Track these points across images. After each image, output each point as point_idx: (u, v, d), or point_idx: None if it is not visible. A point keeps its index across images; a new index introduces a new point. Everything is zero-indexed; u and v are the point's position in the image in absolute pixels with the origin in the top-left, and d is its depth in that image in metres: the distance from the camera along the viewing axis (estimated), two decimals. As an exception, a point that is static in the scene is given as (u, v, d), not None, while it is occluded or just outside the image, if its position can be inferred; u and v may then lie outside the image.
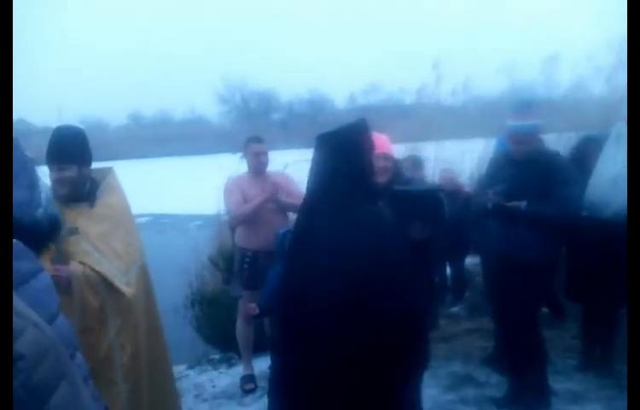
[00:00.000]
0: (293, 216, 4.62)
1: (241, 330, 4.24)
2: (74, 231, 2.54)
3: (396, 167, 3.02)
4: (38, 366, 0.91)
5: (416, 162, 4.85)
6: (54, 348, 0.96)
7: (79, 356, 1.19)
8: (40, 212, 1.22)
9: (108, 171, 2.87)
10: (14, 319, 0.90)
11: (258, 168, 4.12)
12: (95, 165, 2.79)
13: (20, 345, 0.88)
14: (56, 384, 0.95)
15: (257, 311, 3.13)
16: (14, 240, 1.08)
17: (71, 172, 2.56)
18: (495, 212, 3.28)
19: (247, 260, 4.04)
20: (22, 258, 1.08)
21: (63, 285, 2.35)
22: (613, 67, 7.06)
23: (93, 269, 2.49)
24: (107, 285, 2.52)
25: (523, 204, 3.19)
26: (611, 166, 3.47)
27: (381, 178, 2.78)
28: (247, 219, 4.07)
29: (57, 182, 2.56)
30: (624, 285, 3.85)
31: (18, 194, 1.16)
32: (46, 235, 1.27)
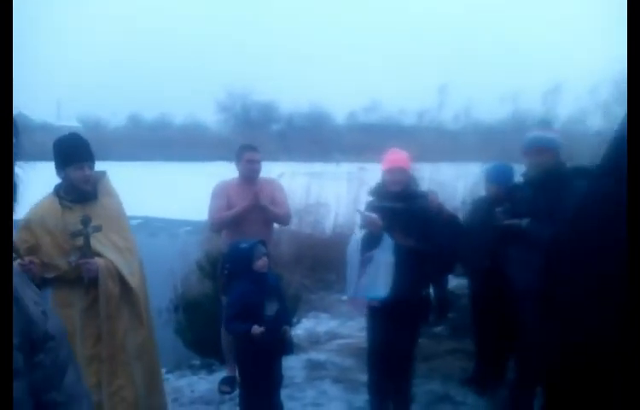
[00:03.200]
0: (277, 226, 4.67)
1: (225, 332, 4.24)
2: (99, 228, 2.89)
3: (410, 182, 3.46)
4: (63, 345, 1.01)
5: None
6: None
7: None
8: None
9: (103, 174, 3.13)
10: (36, 307, 0.98)
11: (249, 176, 4.12)
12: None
13: (50, 327, 0.98)
14: (68, 364, 1.03)
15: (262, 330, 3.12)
16: None
17: (91, 170, 2.95)
18: (501, 230, 3.34)
19: (227, 265, 4.03)
20: None
21: (93, 277, 2.81)
22: (613, 102, 7.10)
23: (111, 260, 2.89)
24: (120, 275, 2.90)
25: (524, 222, 3.22)
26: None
27: (394, 188, 3.37)
28: (226, 226, 4.09)
29: (82, 180, 2.92)
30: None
31: None
32: None
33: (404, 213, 3.29)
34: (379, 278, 3.30)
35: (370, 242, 3.36)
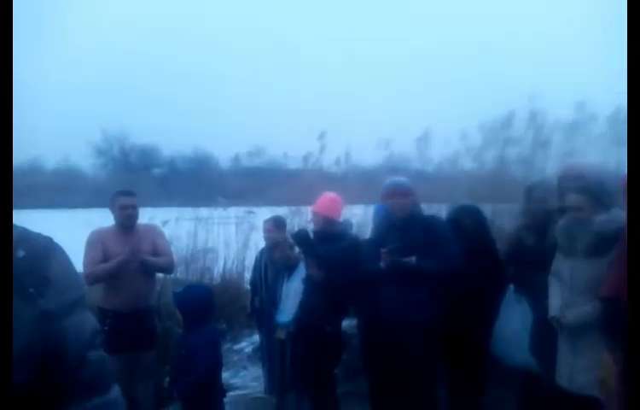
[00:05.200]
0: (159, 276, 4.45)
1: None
2: None
3: (328, 225, 4.05)
4: None
5: (279, 223, 4.92)
6: None
7: None
8: None
9: None
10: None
11: (124, 223, 3.93)
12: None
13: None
14: None
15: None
16: None
17: None
18: (390, 269, 3.47)
19: (106, 321, 3.75)
20: None
21: None
22: (482, 147, 7.78)
23: None
24: None
25: (414, 259, 3.42)
26: (508, 323, 3.78)
27: (315, 228, 4.11)
28: (101, 279, 3.85)
29: None
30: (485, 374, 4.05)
31: None
32: None
33: (317, 251, 3.79)
34: (287, 304, 3.65)
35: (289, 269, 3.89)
